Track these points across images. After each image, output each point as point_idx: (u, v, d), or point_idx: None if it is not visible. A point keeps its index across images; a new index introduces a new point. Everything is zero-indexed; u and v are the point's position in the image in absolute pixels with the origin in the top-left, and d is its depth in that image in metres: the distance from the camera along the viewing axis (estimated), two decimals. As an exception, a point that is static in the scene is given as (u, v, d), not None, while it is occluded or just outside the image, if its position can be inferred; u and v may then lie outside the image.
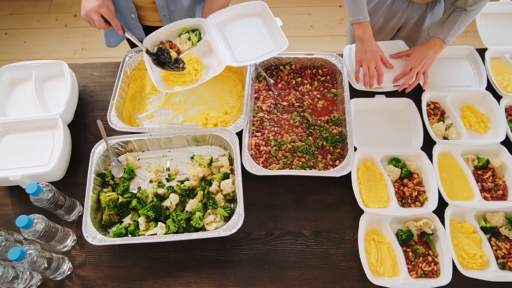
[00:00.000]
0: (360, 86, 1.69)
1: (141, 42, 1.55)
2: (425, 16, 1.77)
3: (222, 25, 1.58)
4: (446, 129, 1.59)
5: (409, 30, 1.88)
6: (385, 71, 1.66)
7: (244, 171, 1.43)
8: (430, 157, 1.50)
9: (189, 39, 1.54)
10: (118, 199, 1.43)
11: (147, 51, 1.50)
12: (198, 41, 1.53)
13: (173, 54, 1.49)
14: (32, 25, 3.61)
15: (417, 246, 1.35)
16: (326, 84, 1.71)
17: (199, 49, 1.54)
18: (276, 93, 1.69)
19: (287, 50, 1.54)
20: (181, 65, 1.49)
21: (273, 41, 1.53)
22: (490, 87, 1.69)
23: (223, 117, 1.61)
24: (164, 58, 1.49)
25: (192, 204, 1.40)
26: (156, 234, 1.34)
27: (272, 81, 1.71)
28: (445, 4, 1.61)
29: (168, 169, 1.53)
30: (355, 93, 1.67)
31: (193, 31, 1.55)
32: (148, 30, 1.68)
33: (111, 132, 1.55)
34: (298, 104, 1.65)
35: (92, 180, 1.42)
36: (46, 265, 1.23)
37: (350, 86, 1.67)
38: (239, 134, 1.52)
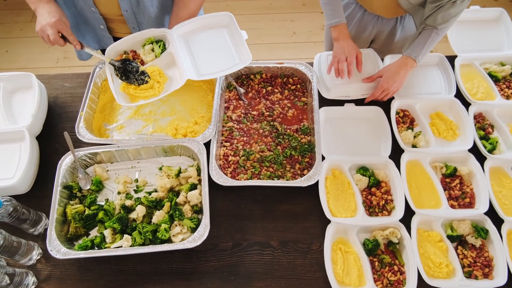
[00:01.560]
0: (329, 95, 1.68)
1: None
2: (395, 30, 1.80)
3: (188, 35, 1.56)
4: (414, 137, 1.59)
5: (382, 43, 1.90)
6: (354, 79, 1.65)
7: (211, 181, 1.42)
8: (399, 165, 1.51)
9: (152, 50, 1.53)
10: (84, 211, 1.42)
11: (111, 62, 1.48)
12: (161, 52, 1.52)
13: (141, 67, 1.49)
14: (14, 34, 3.60)
15: (383, 256, 1.35)
16: (297, 93, 1.71)
17: (162, 61, 1.53)
18: (247, 103, 1.69)
19: (262, 57, 1.54)
20: (146, 78, 1.48)
21: (237, 55, 1.52)
22: (459, 94, 1.69)
23: (193, 127, 1.60)
24: (131, 68, 1.48)
25: (158, 216, 1.39)
26: (121, 246, 1.33)
27: (242, 90, 1.70)
28: (415, 21, 1.62)
29: (137, 181, 1.52)
30: (325, 102, 1.67)
31: (157, 42, 1.54)
32: None
33: (80, 143, 1.54)
34: (268, 113, 1.65)
35: (58, 192, 1.41)
36: (8, 281, 1.22)
37: (320, 95, 1.67)
38: (208, 145, 1.51)
